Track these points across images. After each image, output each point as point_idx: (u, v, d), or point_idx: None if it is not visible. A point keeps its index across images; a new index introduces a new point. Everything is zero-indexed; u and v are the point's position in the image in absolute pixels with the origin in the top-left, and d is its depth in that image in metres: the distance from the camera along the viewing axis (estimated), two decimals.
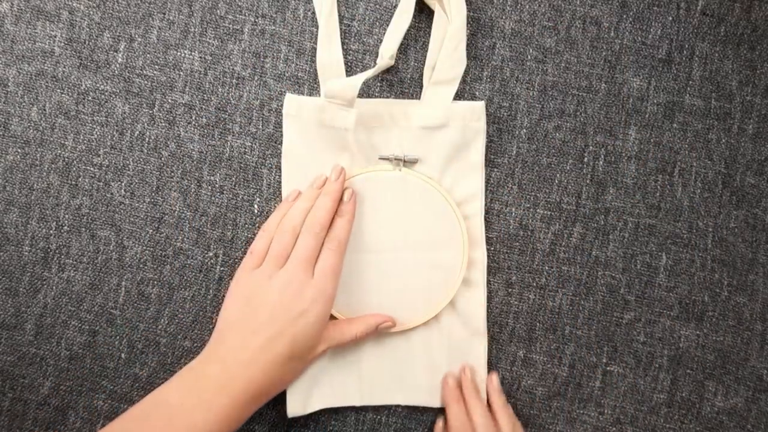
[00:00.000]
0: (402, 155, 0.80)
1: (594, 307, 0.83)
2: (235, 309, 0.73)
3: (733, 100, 0.84)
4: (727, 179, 0.84)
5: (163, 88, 0.82)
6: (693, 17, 0.84)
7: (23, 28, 0.81)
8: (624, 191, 0.83)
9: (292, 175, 0.81)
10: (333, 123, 0.79)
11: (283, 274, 0.73)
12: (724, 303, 0.84)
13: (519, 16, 0.84)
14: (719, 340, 0.84)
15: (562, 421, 0.83)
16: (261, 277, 0.74)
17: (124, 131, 0.81)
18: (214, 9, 0.82)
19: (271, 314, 0.71)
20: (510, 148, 0.83)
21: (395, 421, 0.82)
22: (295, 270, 0.73)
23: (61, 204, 0.81)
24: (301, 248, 0.74)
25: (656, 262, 0.84)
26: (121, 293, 0.81)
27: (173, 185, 0.81)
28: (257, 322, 0.71)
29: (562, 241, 0.83)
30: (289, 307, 0.71)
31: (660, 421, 0.83)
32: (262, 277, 0.73)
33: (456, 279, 0.80)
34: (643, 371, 0.83)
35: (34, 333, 0.81)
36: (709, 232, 0.84)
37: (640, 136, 0.84)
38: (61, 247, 0.81)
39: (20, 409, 0.80)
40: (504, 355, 0.83)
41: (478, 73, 0.83)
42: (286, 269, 0.73)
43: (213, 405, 0.67)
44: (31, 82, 0.81)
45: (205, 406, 0.67)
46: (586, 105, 0.84)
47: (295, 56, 0.82)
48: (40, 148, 0.81)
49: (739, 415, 0.83)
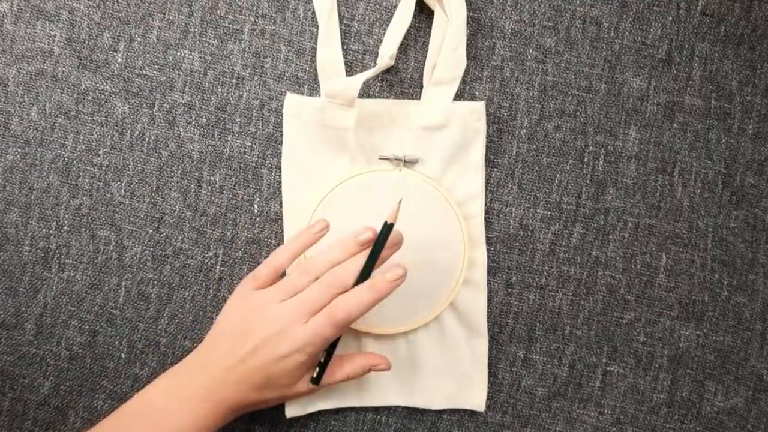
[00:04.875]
0: (402, 155, 0.80)
1: (594, 307, 0.83)
2: (229, 323, 0.73)
3: (733, 100, 0.84)
4: (727, 179, 0.84)
5: (162, 88, 0.82)
6: (693, 17, 0.84)
7: (23, 27, 0.81)
8: (624, 191, 0.83)
9: (292, 175, 0.81)
10: (333, 123, 0.79)
11: (282, 309, 0.70)
12: (724, 303, 0.84)
13: (519, 16, 0.83)
14: (719, 340, 0.84)
15: (562, 421, 0.83)
16: (261, 301, 0.72)
17: (124, 131, 0.81)
18: (214, 9, 0.82)
19: (256, 347, 0.69)
20: (510, 148, 0.83)
21: (395, 421, 0.82)
22: (294, 310, 0.69)
23: (61, 204, 0.81)
24: (312, 295, 0.70)
25: (656, 262, 0.84)
26: (121, 293, 0.81)
27: (173, 185, 0.81)
28: (243, 348, 0.69)
29: (562, 241, 0.83)
30: (275, 346, 0.69)
31: (660, 421, 0.83)
32: (261, 302, 0.72)
33: (456, 279, 0.80)
34: (643, 371, 0.83)
35: (34, 333, 0.81)
36: (709, 232, 0.84)
37: (640, 136, 0.84)
38: (61, 247, 0.81)
39: (20, 409, 0.80)
40: (504, 356, 0.83)
41: (478, 73, 0.83)
42: (286, 305, 0.70)
43: (194, 410, 0.68)
44: (31, 81, 0.81)
45: (186, 412, 0.68)
46: (586, 105, 0.84)
47: (295, 56, 0.82)
48: (40, 147, 0.81)
49: (739, 415, 0.84)
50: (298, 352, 0.69)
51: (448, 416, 0.83)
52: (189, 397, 0.69)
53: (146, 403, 0.69)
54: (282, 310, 0.70)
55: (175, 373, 0.71)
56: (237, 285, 0.79)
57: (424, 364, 0.82)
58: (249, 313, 0.71)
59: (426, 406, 0.82)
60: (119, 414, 0.69)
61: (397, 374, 0.82)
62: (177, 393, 0.69)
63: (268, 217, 0.82)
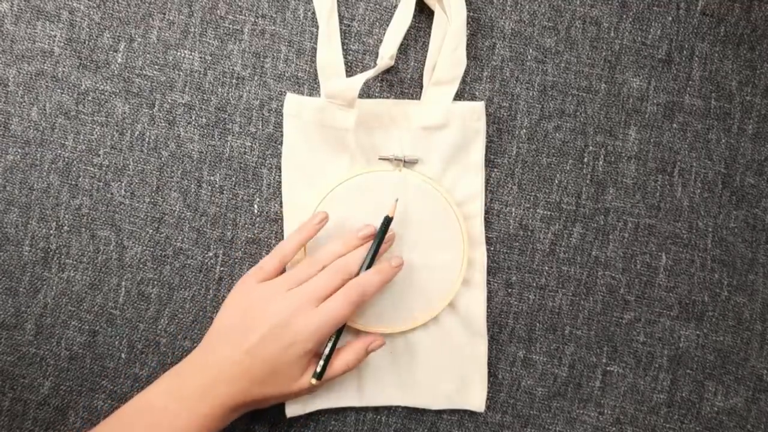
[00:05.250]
0: (402, 155, 0.80)
1: (594, 307, 0.83)
2: (230, 317, 0.73)
3: (733, 100, 0.84)
4: (727, 179, 0.84)
5: (163, 88, 0.82)
6: (693, 17, 0.84)
7: (23, 27, 0.81)
8: (624, 191, 0.83)
9: (292, 174, 0.81)
10: (333, 123, 0.79)
11: (290, 298, 0.71)
12: (724, 303, 0.84)
13: (519, 17, 0.84)
14: (719, 340, 0.84)
15: (562, 421, 0.83)
16: (266, 291, 0.73)
17: (124, 131, 0.81)
18: (214, 9, 0.82)
19: (263, 337, 0.70)
20: (510, 149, 0.83)
21: (395, 421, 0.82)
22: (304, 297, 0.71)
23: (61, 204, 0.81)
24: (320, 283, 0.72)
25: (656, 262, 0.84)
26: (121, 293, 0.81)
27: (173, 185, 0.81)
28: (248, 341, 0.70)
29: (561, 241, 0.83)
30: (282, 334, 0.70)
31: (660, 421, 0.83)
32: (267, 293, 0.73)
33: (456, 279, 0.80)
34: (643, 371, 0.83)
35: (34, 333, 0.81)
36: (709, 232, 0.84)
37: (640, 136, 0.84)
38: (61, 247, 0.81)
39: (20, 409, 0.80)
40: (504, 356, 0.83)
41: (478, 74, 0.83)
42: (294, 293, 0.72)
43: (195, 410, 0.68)
44: (31, 82, 0.81)
45: (187, 412, 0.68)
46: (586, 105, 0.84)
47: (295, 56, 0.82)
48: (41, 148, 0.81)
49: (739, 415, 0.84)
50: (307, 340, 0.70)
51: (448, 416, 0.83)
52: (189, 396, 0.69)
53: (147, 402, 0.70)
54: (291, 298, 0.71)
55: (176, 373, 0.72)
56: None
57: (424, 364, 0.82)
58: (254, 306, 0.72)
59: (426, 406, 0.82)
60: (120, 414, 0.69)
61: (397, 374, 0.82)
62: (178, 393, 0.69)
63: (267, 217, 0.82)
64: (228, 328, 0.72)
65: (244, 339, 0.70)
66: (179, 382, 0.70)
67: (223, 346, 0.71)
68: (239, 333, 0.71)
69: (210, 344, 0.73)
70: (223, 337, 0.72)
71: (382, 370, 0.81)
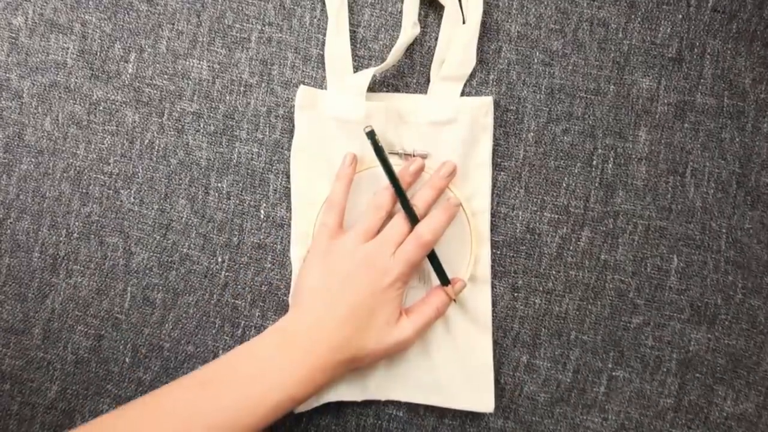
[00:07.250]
0: (411, 150, 0.81)
1: (601, 311, 0.82)
2: (316, 276, 0.76)
3: (747, 98, 0.82)
4: (742, 179, 0.82)
5: (172, 97, 0.83)
6: (704, 14, 0.83)
7: (37, 40, 0.83)
8: (634, 193, 0.82)
9: (301, 167, 0.82)
10: (343, 116, 0.80)
11: (369, 248, 0.75)
12: (738, 306, 0.82)
13: (525, 19, 0.83)
14: (731, 343, 0.82)
15: (565, 427, 0.82)
16: (344, 248, 0.76)
17: (134, 140, 0.83)
18: (221, 18, 0.83)
19: (357, 289, 0.74)
20: (517, 152, 0.83)
21: (396, 426, 0.82)
22: (381, 248, 0.75)
23: (72, 211, 0.83)
24: (394, 230, 0.76)
25: (667, 264, 0.82)
26: (126, 298, 0.83)
27: (181, 192, 0.83)
28: (342, 293, 0.74)
29: (569, 244, 0.82)
30: (374, 281, 0.74)
31: (666, 426, 0.81)
32: (346, 249, 0.76)
33: (464, 276, 0.80)
34: (650, 376, 0.82)
35: (41, 338, 0.83)
36: (723, 234, 0.82)
37: (651, 137, 0.82)
38: (69, 254, 0.83)
39: (28, 413, 0.82)
40: (507, 360, 0.82)
41: (484, 77, 0.83)
42: (372, 244, 0.76)
43: (300, 365, 0.71)
44: (45, 93, 0.83)
45: (292, 366, 0.71)
46: (594, 107, 0.82)
47: (302, 63, 0.83)
48: (53, 157, 0.83)
49: (749, 421, 0.81)
50: (398, 280, 0.74)
51: (449, 421, 0.82)
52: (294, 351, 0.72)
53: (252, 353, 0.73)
54: (369, 250, 0.75)
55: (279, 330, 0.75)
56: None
57: (430, 361, 0.81)
58: (335, 261, 0.76)
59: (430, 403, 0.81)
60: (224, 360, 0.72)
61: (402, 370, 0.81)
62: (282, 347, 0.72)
63: (274, 222, 0.82)
64: (317, 285, 0.75)
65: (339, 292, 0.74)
66: (282, 337, 0.73)
67: (317, 303, 0.74)
68: (329, 290, 0.74)
69: (302, 304, 0.76)
70: (314, 296, 0.75)
71: (386, 366, 0.81)
